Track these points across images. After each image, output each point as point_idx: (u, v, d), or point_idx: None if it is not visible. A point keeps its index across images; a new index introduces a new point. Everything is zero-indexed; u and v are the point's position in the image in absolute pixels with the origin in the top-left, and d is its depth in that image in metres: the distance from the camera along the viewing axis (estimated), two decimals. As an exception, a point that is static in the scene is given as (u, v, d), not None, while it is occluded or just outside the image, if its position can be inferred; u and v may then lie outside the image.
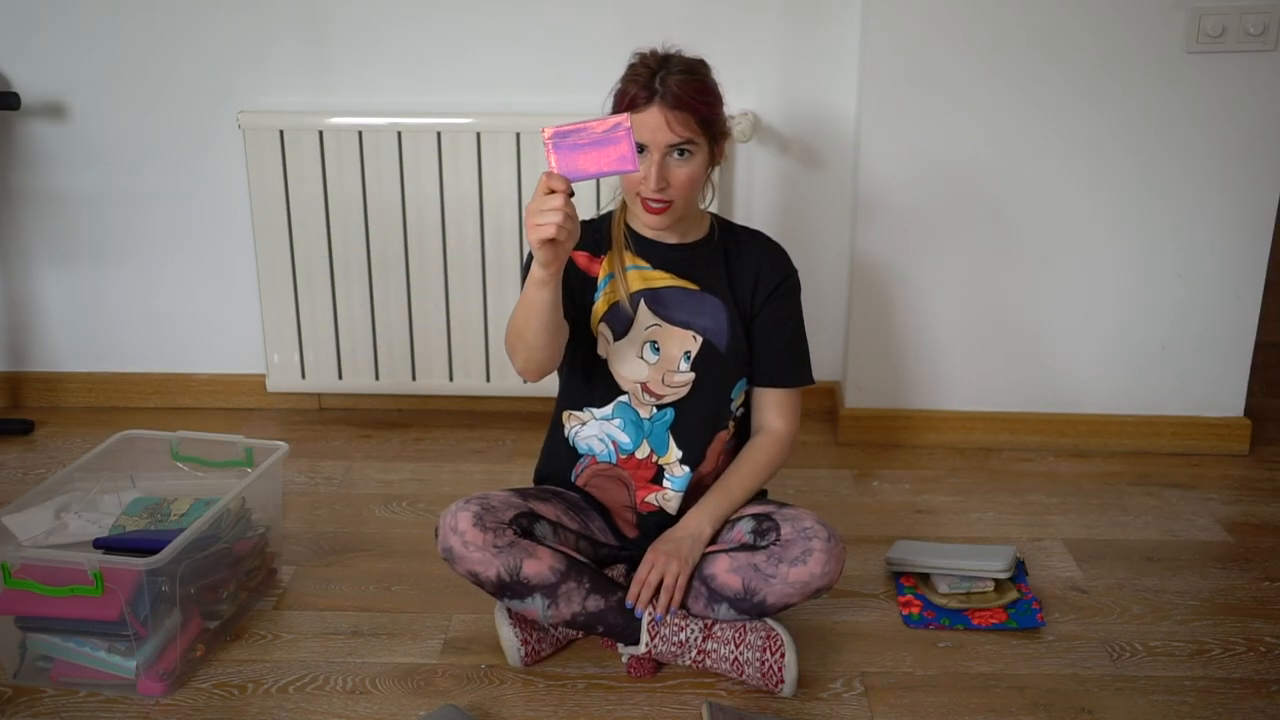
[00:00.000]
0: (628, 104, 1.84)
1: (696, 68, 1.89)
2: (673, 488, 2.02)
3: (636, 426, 2.00)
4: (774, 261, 2.03)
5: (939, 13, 2.52)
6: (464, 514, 1.87)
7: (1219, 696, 1.91)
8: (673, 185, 1.86)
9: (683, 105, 1.83)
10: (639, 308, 1.97)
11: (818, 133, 2.74)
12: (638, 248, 1.99)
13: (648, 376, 1.98)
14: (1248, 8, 2.45)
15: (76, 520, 2.11)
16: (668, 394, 1.99)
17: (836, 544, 1.88)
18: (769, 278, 2.01)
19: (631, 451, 2.01)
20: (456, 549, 1.86)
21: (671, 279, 1.98)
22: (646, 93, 1.83)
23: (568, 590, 1.88)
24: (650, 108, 1.83)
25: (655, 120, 1.83)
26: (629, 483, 2.03)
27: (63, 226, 2.87)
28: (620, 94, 1.88)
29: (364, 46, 2.72)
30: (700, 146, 1.87)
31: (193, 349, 2.97)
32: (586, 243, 1.97)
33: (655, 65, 1.86)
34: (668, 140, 1.83)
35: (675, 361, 1.97)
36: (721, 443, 2.04)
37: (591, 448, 2.03)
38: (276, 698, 1.91)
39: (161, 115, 2.78)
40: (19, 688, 1.92)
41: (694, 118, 1.84)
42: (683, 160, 1.86)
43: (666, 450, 2.01)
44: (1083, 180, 2.61)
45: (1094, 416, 2.77)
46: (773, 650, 1.88)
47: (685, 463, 2.01)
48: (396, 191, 2.72)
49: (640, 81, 1.84)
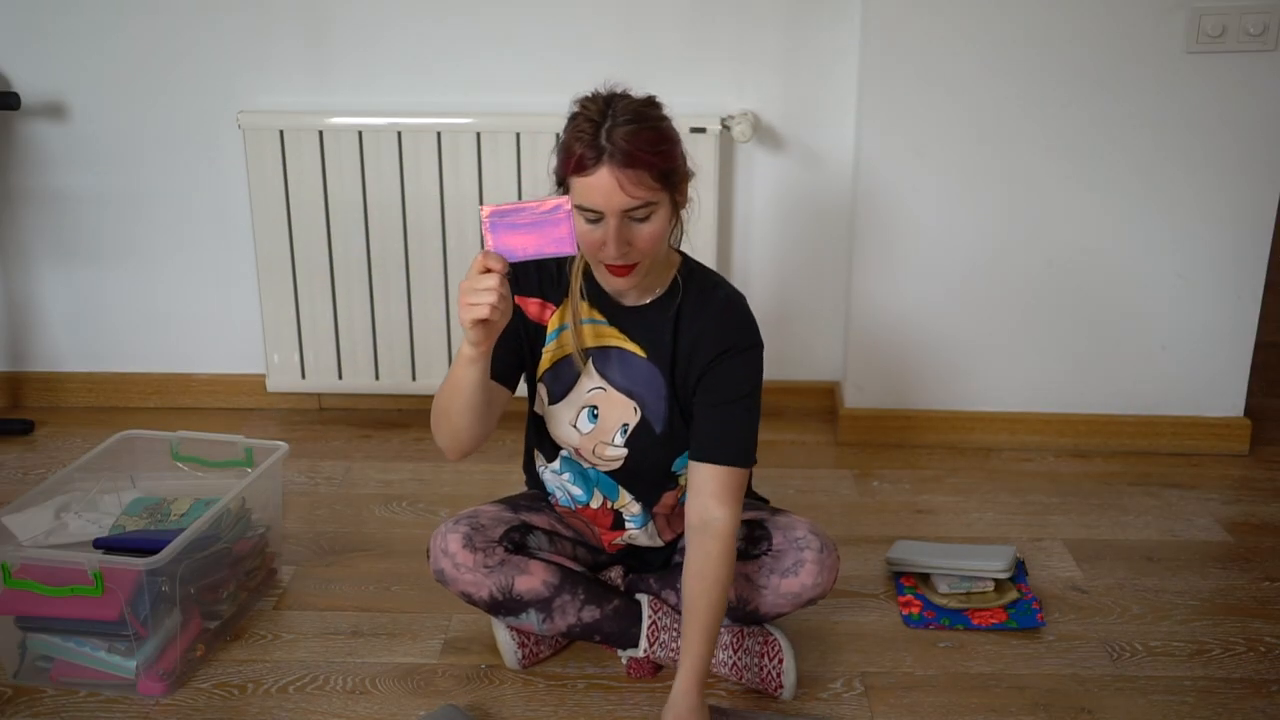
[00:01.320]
0: (575, 165, 1.66)
1: (645, 113, 1.69)
2: (634, 526, 1.97)
3: (584, 478, 1.94)
4: (719, 329, 1.80)
5: (939, 13, 2.52)
6: (453, 536, 1.85)
7: (1219, 696, 1.91)
8: (635, 247, 1.69)
9: (635, 162, 1.63)
10: (588, 366, 1.84)
11: (818, 133, 2.74)
12: (593, 300, 1.84)
13: (579, 444, 1.88)
14: (1248, 8, 2.45)
15: (76, 520, 2.11)
16: (601, 464, 1.90)
17: (829, 554, 1.86)
18: (709, 346, 1.80)
19: (585, 503, 1.96)
20: (448, 571, 1.86)
21: (622, 340, 1.84)
22: (593, 152, 1.63)
23: (562, 603, 1.87)
24: (599, 169, 1.63)
25: (607, 184, 1.63)
26: (592, 527, 2.00)
27: (63, 226, 2.87)
28: (565, 152, 1.69)
29: (364, 46, 2.72)
30: (660, 202, 1.68)
31: (193, 349, 2.97)
32: (542, 287, 1.85)
33: (598, 116, 1.67)
34: (623, 205, 1.64)
35: (610, 434, 1.85)
36: (674, 497, 1.95)
37: (554, 492, 1.99)
38: (276, 698, 1.91)
39: (161, 115, 2.78)
40: (19, 688, 1.92)
41: (649, 173, 1.65)
42: (643, 222, 1.68)
43: (618, 496, 1.94)
44: (1082, 180, 2.61)
45: (1094, 416, 2.77)
46: (771, 656, 1.88)
47: (639, 501, 1.94)
48: (396, 191, 2.72)
49: (585, 140, 1.65)
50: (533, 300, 1.85)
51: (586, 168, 1.64)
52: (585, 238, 1.69)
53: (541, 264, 1.81)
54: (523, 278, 1.83)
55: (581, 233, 1.68)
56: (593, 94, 1.72)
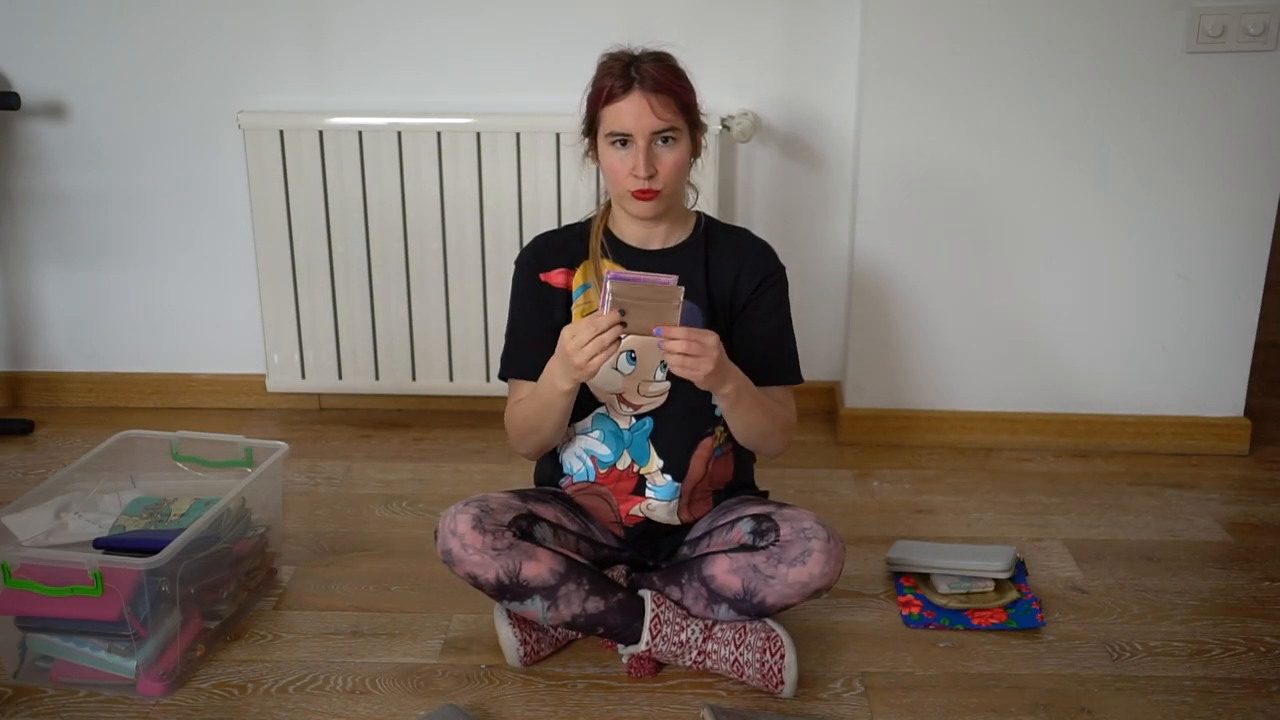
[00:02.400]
0: (605, 97, 1.85)
1: (667, 57, 1.90)
2: (657, 497, 1.99)
3: (616, 437, 1.98)
4: (755, 259, 1.99)
5: (939, 13, 2.52)
6: (463, 516, 1.87)
7: (1219, 696, 1.91)
8: (660, 172, 1.85)
9: (662, 88, 1.84)
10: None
11: (818, 133, 2.74)
12: (616, 254, 1.96)
13: (623, 387, 1.95)
14: (1248, 8, 2.45)
15: (76, 520, 2.11)
16: (644, 404, 1.96)
17: (836, 544, 1.88)
18: (749, 276, 1.97)
19: (612, 464, 1.99)
20: (455, 551, 1.86)
21: None
22: (623, 82, 1.84)
23: (567, 592, 1.87)
24: (630, 95, 1.83)
25: (637, 107, 1.83)
26: (609, 498, 2.01)
27: (63, 226, 2.87)
28: (595, 91, 1.88)
29: (364, 46, 2.72)
30: (682, 133, 1.87)
31: (193, 349, 2.97)
32: (563, 257, 1.98)
33: (626, 58, 1.87)
34: (652, 126, 1.83)
35: (651, 370, 1.94)
36: (707, 450, 2.00)
37: (571, 466, 2.02)
38: (276, 698, 1.91)
39: (161, 115, 2.78)
40: (19, 688, 1.92)
41: (674, 101, 1.85)
42: (668, 147, 1.86)
43: (648, 460, 1.98)
44: (1083, 180, 2.61)
45: (1094, 416, 2.77)
46: (773, 651, 1.88)
47: (668, 472, 1.98)
48: (396, 191, 2.72)
49: (615, 73, 1.85)
50: (556, 272, 1.97)
51: (617, 96, 1.84)
52: (615, 167, 1.87)
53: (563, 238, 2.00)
54: (546, 253, 1.99)
55: (611, 164, 1.88)
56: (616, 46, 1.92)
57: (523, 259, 2.02)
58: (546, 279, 1.97)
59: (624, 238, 1.97)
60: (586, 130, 1.93)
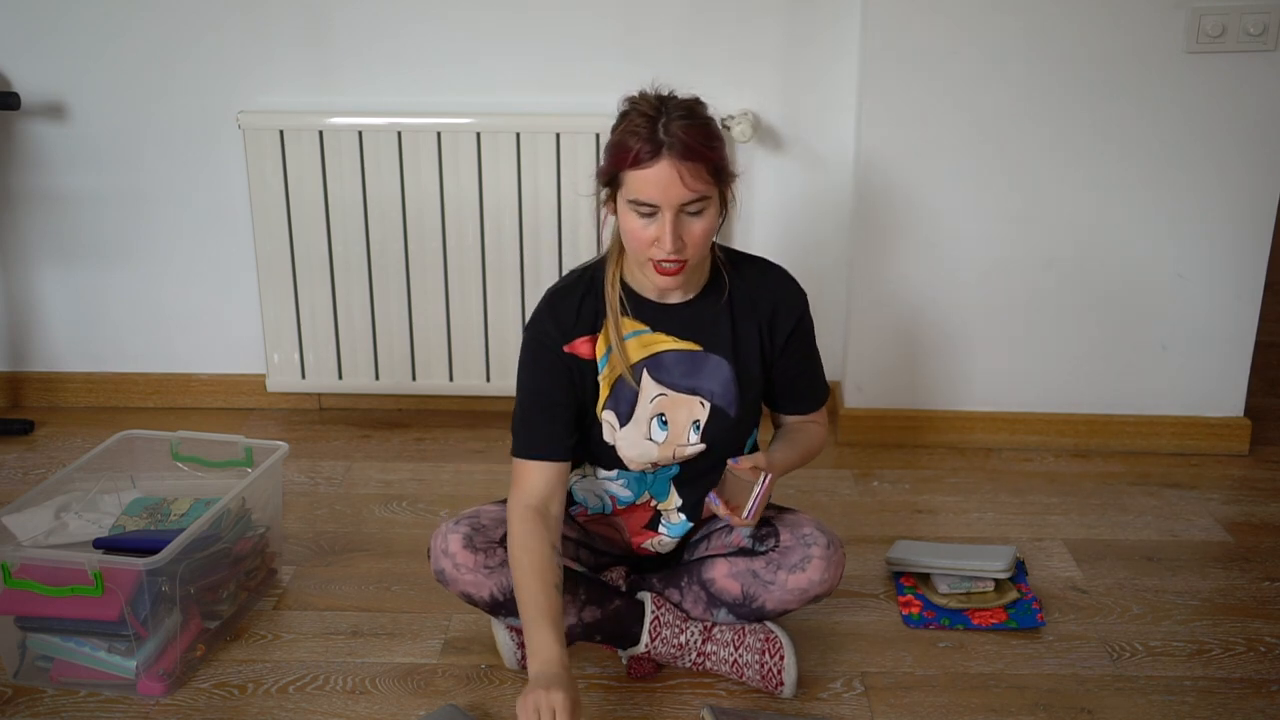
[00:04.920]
0: (632, 159, 1.67)
1: (697, 109, 1.73)
2: (669, 534, 1.97)
3: (639, 480, 1.92)
4: (786, 300, 1.88)
5: (939, 13, 2.52)
6: (454, 536, 1.84)
7: (1219, 696, 1.91)
8: (688, 245, 1.71)
9: (693, 155, 1.66)
10: (642, 378, 1.84)
11: (818, 133, 2.74)
12: (635, 310, 1.83)
13: (658, 456, 1.86)
14: (1248, 8, 2.45)
15: (76, 520, 2.11)
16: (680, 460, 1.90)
17: (836, 551, 1.87)
18: (784, 320, 1.88)
19: (631, 503, 1.95)
20: (448, 572, 1.85)
21: (674, 342, 1.84)
22: (651, 146, 1.66)
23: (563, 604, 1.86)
24: (658, 161, 1.66)
25: (666, 176, 1.66)
26: (622, 529, 1.99)
27: (63, 226, 2.87)
28: (619, 149, 1.70)
29: (364, 46, 2.72)
30: (713, 198, 1.71)
31: (193, 349, 2.97)
32: (584, 322, 1.82)
33: (653, 112, 1.69)
34: (681, 198, 1.67)
35: (683, 434, 1.85)
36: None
37: (585, 500, 1.97)
38: (276, 698, 1.91)
39: (161, 115, 2.78)
40: (19, 688, 1.92)
41: (705, 167, 1.68)
42: (697, 216, 1.70)
43: (667, 497, 1.95)
44: (1083, 179, 2.61)
45: (1094, 416, 2.77)
46: (772, 653, 1.88)
47: (684, 511, 1.95)
48: (396, 191, 2.72)
49: (643, 134, 1.67)
50: (580, 341, 1.83)
51: (644, 161, 1.66)
52: (637, 235, 1.71)
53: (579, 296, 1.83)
54: (567, 321, 1.83)
55: (633, 230, 1.71)
56: (641, 93, 1.74)
57: (542, 329, 1.83)
58: (571, 350, 1.82)
59: (641, 291, 1.83)
60: (606, 182, 1.76)
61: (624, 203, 1.72)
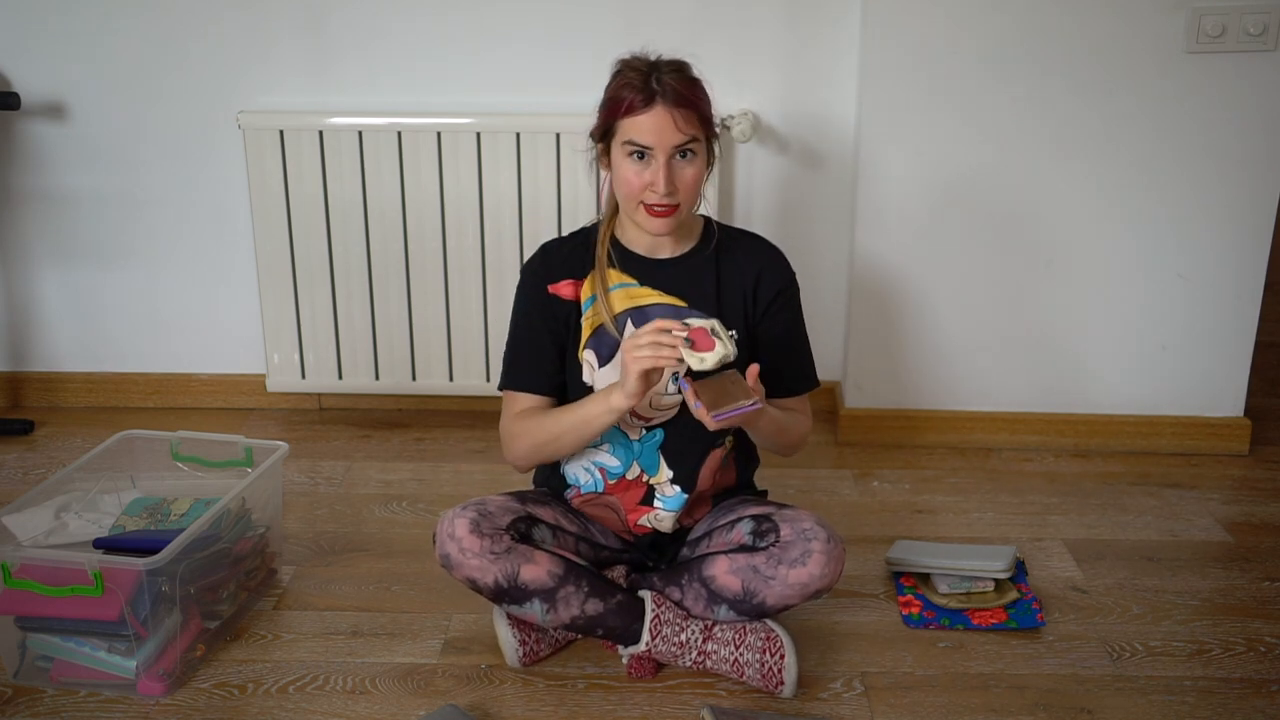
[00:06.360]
0: (627, 108, 1.81)
1: (687, 67, 1.87)
2: (665, 508, 1.99)
3: (625, 449, 1.97)
4: (772, 268, 1.97)
5: (939, 13, 2.52)
6: (461, 520, 1.86)
7: (1219, 696, 1.91)
8: (680, 188, 1.83)
9: (685, 102, 1.80)
10: (626, 328, 1.92)
11: (818, 133, 2.74)
12: (624, 264, 1.95)
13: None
14: (1248, 8, 2.45)
15: (76, 520, 2.11)
16: (656, 416, 1.95)
17: (836, 545, 1.87)
18: (768, 286, 1.96)
19: (621, 475, 1.98)
20: (454, 556, 1.86)
21: (659, 296, 1.93)
22: (644, 95, 1.80)
23: (566, 594, 1.87)
24: (652, 108, 1.79)
25: (660, 121, 1.79)
26: (618, 508, 2.01)
27: (63, 226, 2.87)
28: (613, 101, 1.84)
29: (364, 46, 2.72)
30: (701, 145, 1.84)
31: (193, 349, 2.97)
32: (571, 267, 1.95)
33: (646, 68, 1.83)
34: (674, 141, 1.80)
35: (663, 383, 1.91)
36: (716, 460, 2.00)
37: (577, 478, 2.01)
38: (276, 698, 1.91)
39: (161, 115, 2.78)
40: (19, 688, 1.92)
41: (695, 114, 1.82)
42: (687, 161, 1.83)
43: (657, 470, 1.98)
44: (1083, 180, 2.61)
45: (1094, 416, 2.77)
46: (772, 652, 1.88)
47: (677, 483, 1.98)
48: (396, 191, 2.72)
49: (636, 85, 1.81)
50: (565, 283, 1.95)
51: (638, 108, 1.80)
52: (631, 181, 1.83)
53: (570, 247, 1.97)
54: (555, 263, 1.96)
55: (627, 177, 1.83)
56: (633, 54, 1.88)
57: (530, 268, 1.99)
58: (555, 290, 1.94)
59: (631, 246, 1.95)
60: (599, 137, 1.89)
61: (619, 150, 1.84)
